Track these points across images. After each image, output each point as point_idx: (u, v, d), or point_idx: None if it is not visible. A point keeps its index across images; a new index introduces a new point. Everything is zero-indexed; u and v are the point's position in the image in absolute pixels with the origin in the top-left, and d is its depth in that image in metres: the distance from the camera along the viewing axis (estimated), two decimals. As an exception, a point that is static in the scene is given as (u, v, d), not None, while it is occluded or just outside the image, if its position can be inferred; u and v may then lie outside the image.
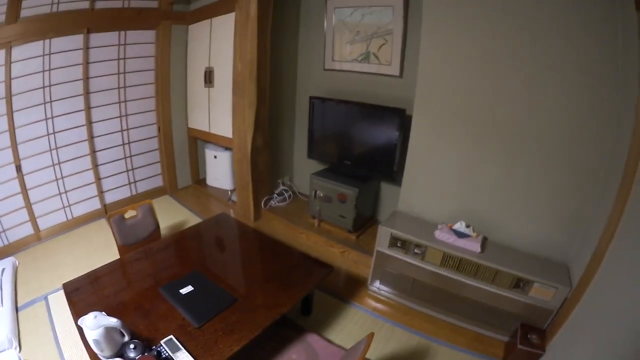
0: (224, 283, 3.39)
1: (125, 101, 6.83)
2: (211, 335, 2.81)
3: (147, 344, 2.61)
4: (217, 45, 6.00)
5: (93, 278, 3.53)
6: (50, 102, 5.96)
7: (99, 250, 5.51)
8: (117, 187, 6.87)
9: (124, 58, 6.57)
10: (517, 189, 3.58)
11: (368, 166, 4.82)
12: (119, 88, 6.63)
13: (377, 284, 4.24)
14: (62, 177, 6.31)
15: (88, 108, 6.37)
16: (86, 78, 6.22)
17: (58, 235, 6.11)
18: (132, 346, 2.53)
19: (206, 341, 2.75)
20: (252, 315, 2.99)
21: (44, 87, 5.81)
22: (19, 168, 5.82)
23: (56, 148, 6.17)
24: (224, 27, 5.70)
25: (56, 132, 6.11)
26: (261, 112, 5.38)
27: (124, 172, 6.91)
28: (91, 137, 6.44)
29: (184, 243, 4.29)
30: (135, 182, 7.14)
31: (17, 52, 5.38)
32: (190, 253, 4.10)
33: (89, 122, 6.43)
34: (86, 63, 6.16)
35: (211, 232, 4.54)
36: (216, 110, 6.34)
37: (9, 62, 5.31)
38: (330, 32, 5.10)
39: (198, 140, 7.51)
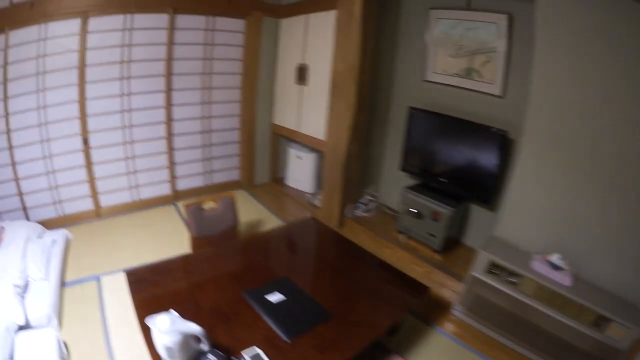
0: (317, 294, 3.27)
1: (209, 88, 6.80)
2: (303, 352, 2.67)
3: (226, 355, 2.44)
4: (314, 43, 5.91)
5: (163, 270, 3.43)
6: (129, 78, 6.04)
7: (165, 237, 5.50)
8: (191, 175, 6.97)
9: (212, 44, 6.52)
10: (612, 228, 3.57)
11: (463, 186, 4.73)
12: (203, 74, 6.61)
13: (461, 308, 4.18)
14: (133, 157, 6.37)
15: (169, 90, 6.36)
16: (169, 59, 6.19)
17: (120, 215, 6.20)
18: (212, 357, 2.36)
19: (296, 358, 2.62)
20: (348, 334, 2.87)
21: (122, 63, 5.89)
22: (85, 140, 5.93)
23: (130, 126, 6.23)
24: (322, 24, 5.62)
25: (132, 110, 6.21)
26: (359, 118, 5.27)
27: (200, 160, 6.99)
28: (169, 120, 6.49)
29: (270, 245, 4.21)
30: (211, 172, 7.24)
31: (95, 23, 5.48)
32: (277, 256, 4.00)
33: (169, 105, 6.42)
34: (170, 44, 6.13)
35: (300, 236, 4.42)
36: (308, 109, 6.24)
37: (84, 32, 5.39)
38: (432, 43, 4.98)
39: (281, 138, 7.43)
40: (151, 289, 3.10)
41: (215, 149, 7.09)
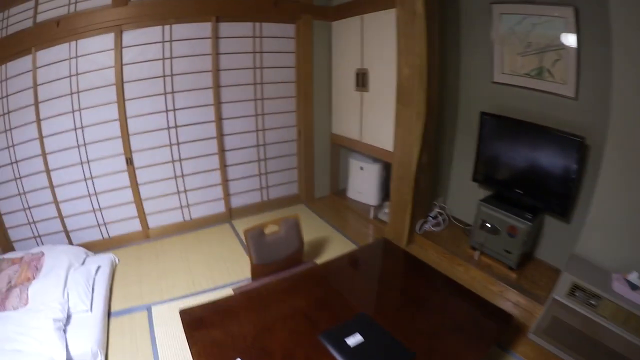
0: (397, 331, 2.93)
1: (262, 99, 6.51)
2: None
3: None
4: (372, 45, 5.55)
5: (223, 308, 3.21)
6: (172, 93, 5.76)
7: (221, 260, 5.27)
8: (246, 191, 6.71)
9: (260, 52, 6.18)
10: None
11: (539, 197, 4.41)
12: (255, 84, 6.30)
13: (538, 332, 3.90)
14: (183, 175, 6.13)
15: (218, 103, 6.06)
16: (216, 70, 5.87)
17: (171, 236, 5.98)
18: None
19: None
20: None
21: (164, 77, 5.62)
22: (129, 161, 5.72)
23: (177, 143, 5.98)
24: (380, 25, 5.27)
25: (178, 127, 5.92)
26: (429, 125, 4.93)
27: (255, 175, 6.73)
28: (220, 135, 6.16)
29: (343, 274, 3.89)
30: (267, 187, 6.94)
31: (130, 36, 5.26)
32: (351, 287, 3.64)
33: (219, 119, 6.10)
34: (216, 54, 5.79)
35: (373, 262, 4.06)
36: (371, 117, 5.89)
37: (119, 47, 5.15)
38: (498, 40, 4.61)
39: (341, 148, 7.22)
40: (211, 332, 2.89)
41: (271, 162, 6.80)
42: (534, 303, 4.08)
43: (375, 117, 5.80)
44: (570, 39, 3.94)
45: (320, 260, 4.74)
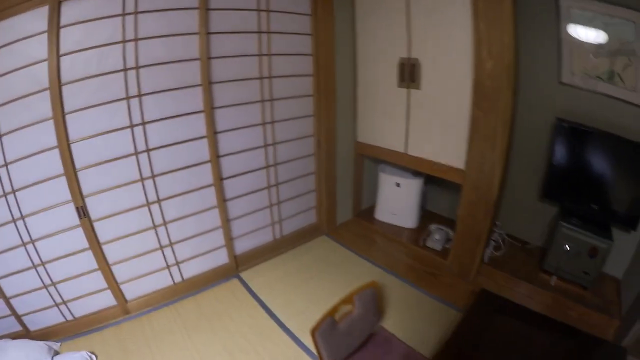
0: None
1: (270, 100, 4.22)
2: None
3: None
4: (427, 27, 3.76)
5: None
6: (139, 96, 3.34)
7: (244, 337, 3.43)
8: (253, 231, 4.56)
9: (268, 32, 3.98)
10: None
11: (611, 211, 3.65)
12: (261, 78, 4.08)
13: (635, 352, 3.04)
14: (165, 223, 3.79)
15: (210, 108, 3.74)
16: (206, 58, 3.58)
17: (160, 307, 3.87)
18: None
19: None
20: None
21: (125, 70, 3.22)
22: (82, 210, 3.31)
23: (152, 176, 3.59)
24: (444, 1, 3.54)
25: (150, 150, 3.52)
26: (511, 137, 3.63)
27: (265, 208, 4.58)
28: (216, 157, 3.92)
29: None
30: (280, 220, 4.81)
31: (74, 10, 2.90)
32: None
33: (212, 132, 3.81)
34: (206, 33, 3.51)
35: (487, 329, 2.83)
36: (424, 123, 4.10)
37: (55, 27, 2.83)
38: (567, 37, 3.56)
39: (367, 160, 5.28)
40: None
41: (284, 188, 4.62)
42: (613, 320, 3.36)
43: (432, 123, 4.01)
44: (638, 45, 3.23)
45: (394, 322, 3.47)
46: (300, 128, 4.51)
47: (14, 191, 3.02)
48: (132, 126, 3.32)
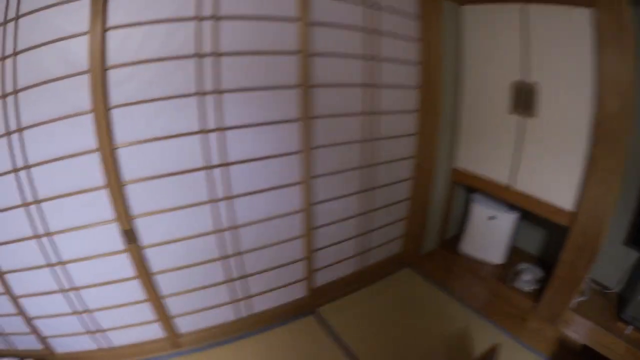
0: None
1: (372, 113, 2.81)
2: None
3: None
4: (546, 52, 2.71)
5: None
6: (216, 93, 2.04)
7: None
8: (336, 262, 3.15)
9: (375, 31, 2.60)
10: None
11: None
12: (364, 86, 2.68)
13: None
14: (240, 253, 2.48)
15: (308, 118, 2.39)
16: (306, 54, 2.24)
17: (218, 346, 2.64)
18: None
19: None
20: None
21: (199, 57, 1.95)
22: (129, 235, 2.05)
23: (225, 197, 2.29)
24: (563, 25, 2.56)
25: (227, 164, 2.20)
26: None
27: (354, 237, 3.16)
28: (308, 178, 2.55)
29: None
30: (366, 251, 3.37)
31: None
32: None
33: (307, 147, 2.47)
34: (306, 24, 2.18)
35: None
36: (537, 157, 2.97)
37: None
38: None
39: (459, 187, 3.94)
40: None
41: (378, 215, 3.24)
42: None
43: (544, 158, 3.03)
44: None
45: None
46: (400, 148, 3.19)
47: (37, 201, 1.96)
48: (203, 132, 2.14)
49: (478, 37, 3.23)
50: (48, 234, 2.05)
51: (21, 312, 2.29)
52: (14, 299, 2.25)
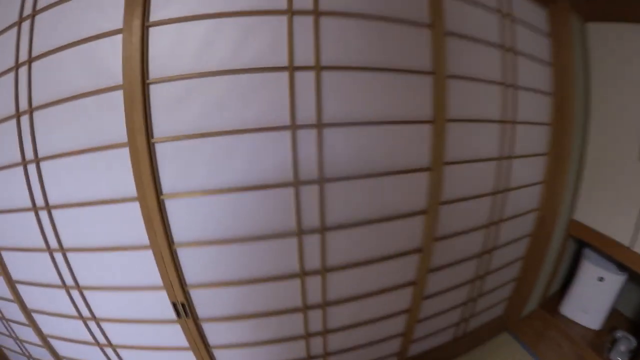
0: None
1: (506, 157, 1.61)
2: None
3: None
4: None
5: None
6: (316, 127, 1.08)
7: None
8: (435, 332, 1.94)
9: (511, 49, 1.41)
10: None
11: None
12: (502, 122, 1.50)
13: None
14: (326, 330, 1.46)
15: (441, 163, 1.33)
16: (443, 74, 1.19)
17: None
18: None
19: None
20: None
21: (289, 70, 0.98)
22: (183, 307, 1.18)
23: (318, 271, 1.32)
24: None
25: (325, 230, 1.24)
26: None
27: (461, 304, 1.97)
28: (431, 240, 1.46)
29: None
30: (469, 317, 2.16)
31: None
32: None
33: (437, 203, 1.37)
34: (442, 33, 1.16)
35: None
36: None
37: None
38: None
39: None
40: None
41: (489, 279, 2.00)
42: None
43: None
44: None
45: None
46: (524, 199, 2.09)
47: (63, 249, 1.21)
48: (295, 183, 1.23)
49: (606, 62, 2.17)
50: (77, 287, 1.31)
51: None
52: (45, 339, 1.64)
